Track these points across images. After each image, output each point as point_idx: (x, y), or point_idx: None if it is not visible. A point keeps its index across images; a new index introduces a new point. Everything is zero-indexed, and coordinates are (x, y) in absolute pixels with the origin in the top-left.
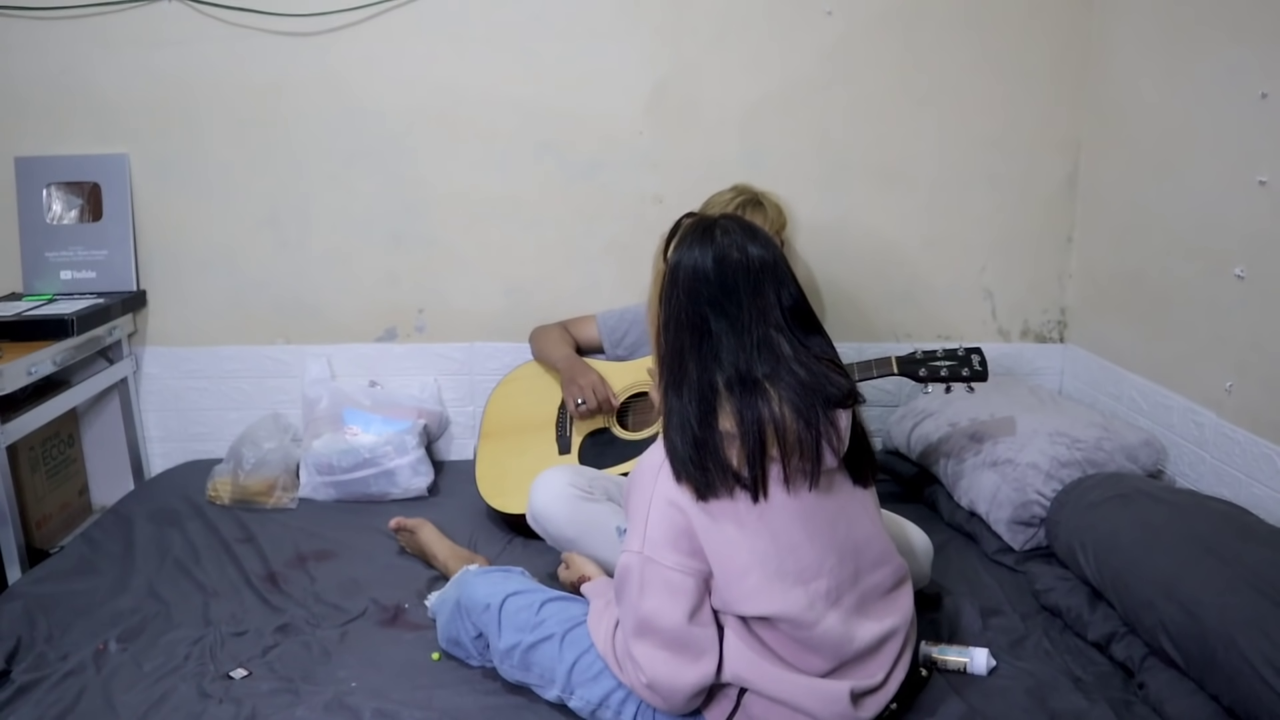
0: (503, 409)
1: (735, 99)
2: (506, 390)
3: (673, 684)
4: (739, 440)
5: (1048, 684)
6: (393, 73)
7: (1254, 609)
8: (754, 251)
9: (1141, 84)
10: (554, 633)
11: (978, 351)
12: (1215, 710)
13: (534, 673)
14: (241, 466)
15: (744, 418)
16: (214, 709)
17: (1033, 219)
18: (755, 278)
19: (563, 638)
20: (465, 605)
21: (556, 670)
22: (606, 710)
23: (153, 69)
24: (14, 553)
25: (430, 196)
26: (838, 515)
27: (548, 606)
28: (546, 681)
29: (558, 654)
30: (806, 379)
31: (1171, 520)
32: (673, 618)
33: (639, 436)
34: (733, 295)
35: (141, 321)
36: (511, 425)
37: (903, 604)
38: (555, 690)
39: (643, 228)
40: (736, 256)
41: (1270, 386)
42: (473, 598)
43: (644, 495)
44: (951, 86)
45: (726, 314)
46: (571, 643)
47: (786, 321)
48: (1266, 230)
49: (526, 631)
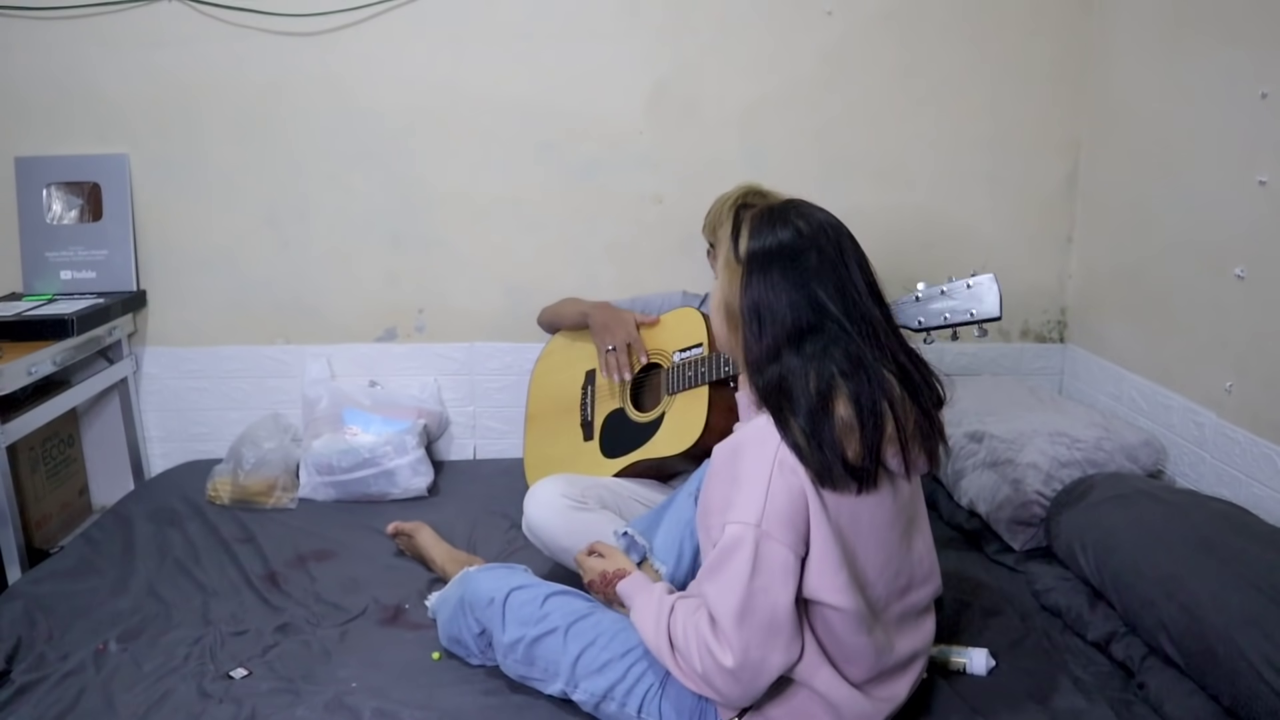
0: (542, 386)
1: (735, 99)
2: (546, 365)
3: (761, 668)
4: (857, 429)
5: (1048, 684)
6: (393, 73)
7: (1254, 609)
8: (831, 220)
9: (1141, 84)
10: (558, 626)
11: (988, 278)
12: (1215, 710)
13: (537, 667)
14: (241, 466)
15: (861, 405)
16: (214, 709)
17: (1033, 219)
18: (840, 249)
19: (567, 631)
20: (469, 601)
21: (560, 663)
22: (611, 703)
23: (153, 69)
24: (14, 553)
25: (430, 196)
26: (911, 523)
27: (551, 600)
28: (550, 675)
29: (562, 647)
30: (911, 369)
31: (1171, 520)
32: (783, 599)
33: (649, 418)
34: (831, 269)
35: (141, 321)
36: (549, 405)
37: (929, 626)
38: (559, 684)
39: (643, 228)
40: (818, 230)
41: (1270, 386)
42: (477, 593)
43: (764, 461)
44: (951, 86)
45: (827, 292)
46: (576, 635)
47: (875, 298)
48: (1266, 230)
49: (531, 625)
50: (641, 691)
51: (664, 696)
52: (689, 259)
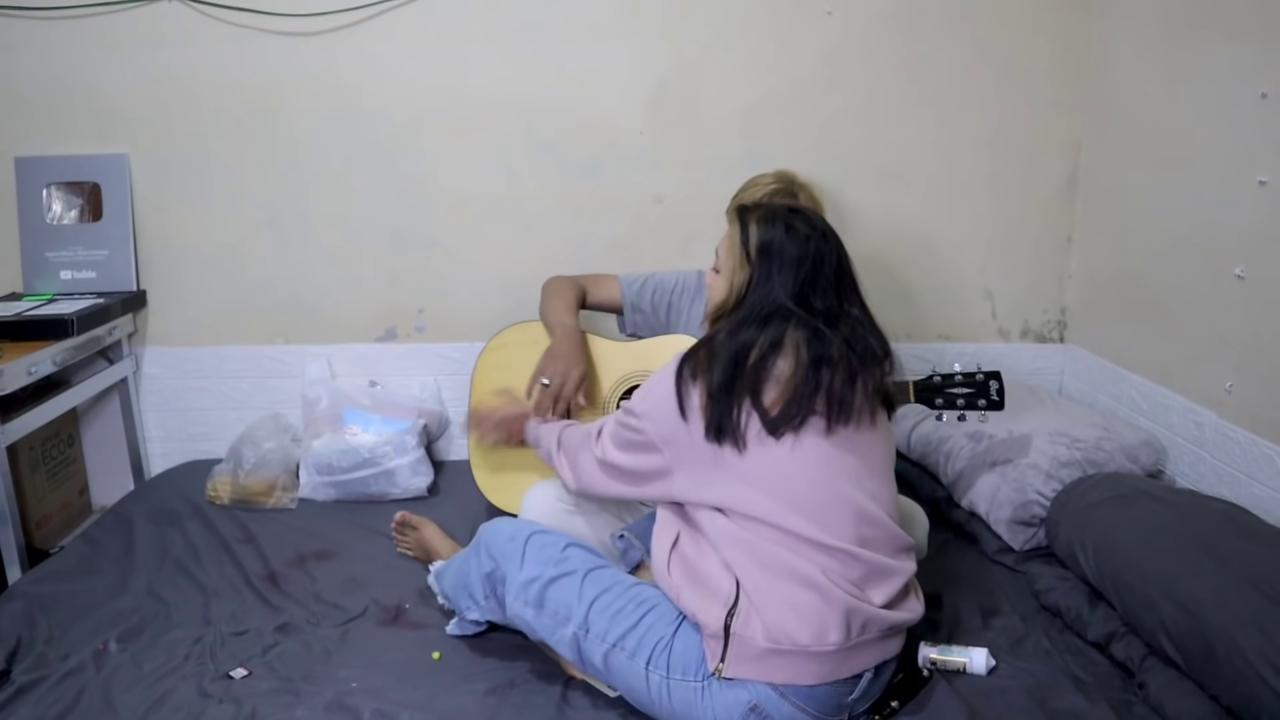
0: (491, 381)
1: (735, 98)
2: (493, 360)
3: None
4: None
5: (1048, 684)
6: (393, 73)
7: (1254, 609)
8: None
9: (1141, 84)
10: (576, 569)
11: (996, 377)
12: (1215, 710)
13: (547, 610)
14: (241, 466)
15: (805, 357)
16: (214, 709)
17: (1033, 219)
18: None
19: (585, 576)
20: (486, 540)
21: (574, 607)
22: (621, 652)
23: (153, 69)
24: (14, 553)
25: (430, 196)
26: (858, 472)
27: (572, 548)
28: (560, 619)
29: (578, 591)
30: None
31: (1171, 520)
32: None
33: None
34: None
35: (141, 321)
36: (500, 405)
37: (914, 605)
38: (571, 627)
39: (643, 227)
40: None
41: (1270, 386)
42: (497, 531)
43: (666, 377)
44: (951, 86)
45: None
46: (592, 581)
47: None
48: (1266, 230)
49: (550, 566)
50: (651, 643)
51: (671, 650)
52: (690, 259)
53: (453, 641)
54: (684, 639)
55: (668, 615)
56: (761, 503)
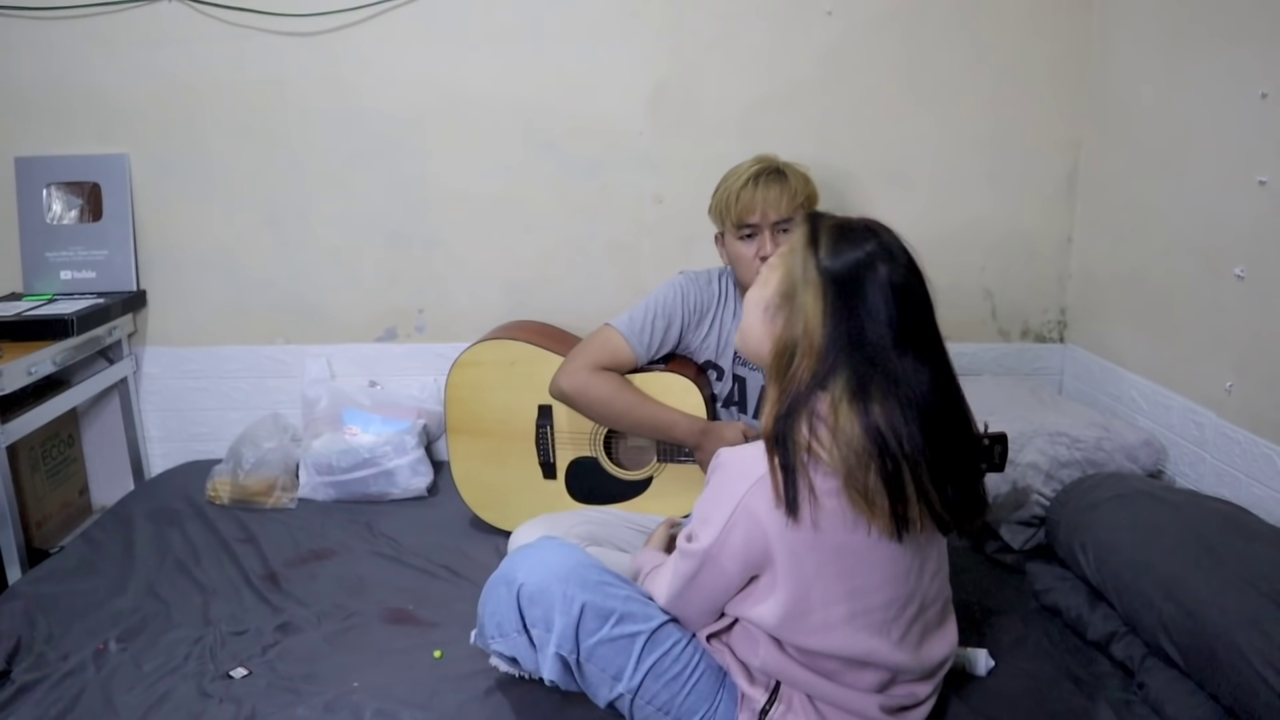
0: (469, 399)
1: (735, 99)
2: (468, 377)
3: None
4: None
5: (1048, 684)
6: (393, 73)
7: (1253, 609)
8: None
9: (1141, 84)
10: (639, 630)
11: (1001, 441)
12: (1215, 710)
13: (594, 664)
14: (241, 466)
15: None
16: (214, 709)
17: (1033, 219)
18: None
19: (648, 638)
20: (523, 572)
21: (627, 670)
22: (665, 715)
23: (153, 69)
24: (14, 553)
25: (430, 196)
26: (925, 558)
27: (629, 599)
28: (609, 678)
29: (636, 655)
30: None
31: (1171, 520)
32: (706, 603)
33: (634, 477)
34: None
35: (141, 321)
36: (485, 425)
37: (952, 632)
38: (620, 688)
39: (643, 228)
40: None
41: (1270, 386)
42: (539, 562)
43: (731, 498)
44: (951, 86)
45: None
46: (654, 645)
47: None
48: (1266, 230)
49: (605, 622)
50: (700, 710)
51: (716, 714)
52: (690, 259)
53: (454, 640)
54: (725, 709)
55: (714, 682)
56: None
